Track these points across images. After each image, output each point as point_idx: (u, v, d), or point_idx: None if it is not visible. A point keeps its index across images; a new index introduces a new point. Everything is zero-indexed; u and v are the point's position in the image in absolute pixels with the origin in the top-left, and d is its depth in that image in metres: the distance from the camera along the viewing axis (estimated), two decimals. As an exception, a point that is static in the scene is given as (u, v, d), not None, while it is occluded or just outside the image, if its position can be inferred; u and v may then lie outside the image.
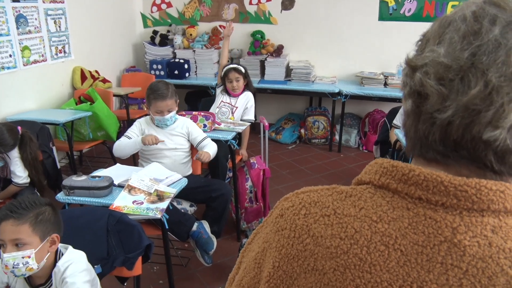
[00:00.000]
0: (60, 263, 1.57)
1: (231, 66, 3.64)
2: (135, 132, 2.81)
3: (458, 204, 0.52)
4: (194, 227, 2.57)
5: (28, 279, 1.61)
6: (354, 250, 0.55)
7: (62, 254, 1.61)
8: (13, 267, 1.45)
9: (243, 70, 3.62)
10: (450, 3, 4.72)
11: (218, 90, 3.74)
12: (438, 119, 0.53)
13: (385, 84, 4.81)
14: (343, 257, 0.56)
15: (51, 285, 1.60)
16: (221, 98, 3.66)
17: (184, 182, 2.40)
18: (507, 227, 0.52)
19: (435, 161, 0.57)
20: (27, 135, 2.82)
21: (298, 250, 0.60)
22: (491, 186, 0.52)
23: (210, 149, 2.78)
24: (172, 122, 2.80)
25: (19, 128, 2.80)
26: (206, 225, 2.65)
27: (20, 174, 2.80)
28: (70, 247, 1.66)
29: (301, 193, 0.65)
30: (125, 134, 2.81)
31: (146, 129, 2.83)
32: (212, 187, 2.76)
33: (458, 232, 0.52)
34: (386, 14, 4.93)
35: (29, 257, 1.46)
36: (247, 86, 3.70)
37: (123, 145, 2.71)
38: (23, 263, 1.46)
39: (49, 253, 1.56)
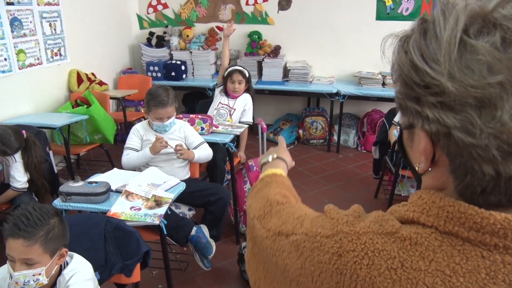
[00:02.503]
0: (65, 272, 1.56)
1: (237, 67, 3.62)
2: (136, 142, 2.78)
3: None
4: (193, 232, 2.54)
5: None
6: None
7: (67, 263, 1.61)
8: (23, 284, 1.44)
9: (247, 74, 3.60)
10: (448, 2, 4.70)
11: (217, 91, 3.72)
12: None
13: (383, 84, 4.80)
14: None
15: None
16: (219, 99, 3.63)
17: (182, 186, 2.38)
18: None
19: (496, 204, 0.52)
20: (31, 139, 2.82)
21: None
22: None
23: (200, 152, 2.77)
24: (171, 127, 2.78)
25: (23, 132, 2.78)
26: (204, 229, 2.63)
27: (19, 178, 2.78)
28: (75, 255, 1.65)
29: (363, 235, 0.58)
30: (127, 146, 2.77)
31: (144, 134, 2.80)
32: (210, 191, 2.74)
33: None
34: (383, 14, 4.91)
35: (39, 274, 1.46)
36: (247, 90, 3.68)
37: (132, 160, 2.68)
38: (33, 280, 1.45)
39: (57, 266, 1.55)
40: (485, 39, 0.47)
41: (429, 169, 0.58)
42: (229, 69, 3.61)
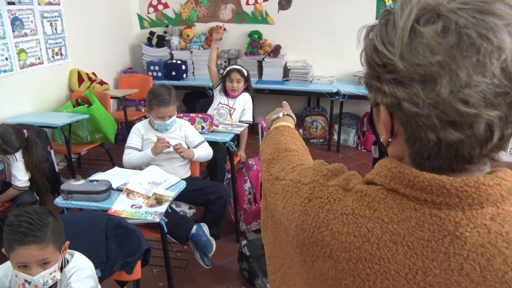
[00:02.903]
0: (66, 269, 1.59)
1: (235, 66, 3.63)
2: (137, 141, 2.80)
3: (460, 202, 0.59)
4: (193, 230, 2.56)
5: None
6: (365, 246, 0.63)
7: (68, 261, 1.63)
8: (43, 285, 1.49)
9: (245, 73, 3.61)
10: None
11: (216, 91, 3.73)
12: None
13: (383, 83, 4.80)
14: (355, 251, 0.63)
15: None
16: (219, 99, 3.65)
17: (183, 185, 2.39)
18: (504, 212, 0.59)
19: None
20: (32, 138, 2.83)
21: (317, 238, 0.68)
22: (488, 182, 0.59)
23: (199, 152, 2.78)
24: (172, 126, 2.79)
25: (25, 131, 2.80)
26: (205, 227, 2.65)
27: (21, 177, 2.79)
28: (76, 253, 1.68)
29: (331, 187, 0.71)
30: (128, 145, 2.78)
31: (145, 133, 2.81)
32: (211, 190, 2.75)
33: (460, 225, 0.59)
34: (383, 13, 4.92)
35: (55, 271, 1.52)
36: (247, 89, 3.69)
37: (134, 160, 2.70)
38: (51, 278, 1.52)
39: (61, 258, 1.59)
40: (431, 27, 0.56)
41: (390, 139, 0.68)
42: (228, 69, 3.63)
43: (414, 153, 0.63)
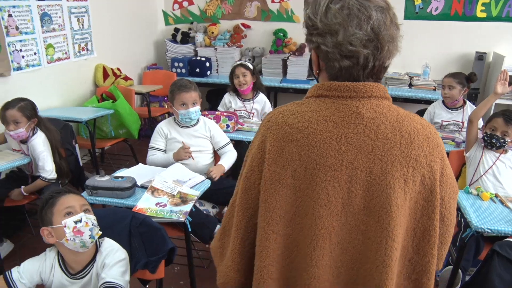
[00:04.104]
0: (102, 248, 1.69)
1: (237, 62, 3.59)
2: (160, 141, 2.79)
3: (356, 95, 1.01)
4: (217, 229, 2.54)
5: (66, 268, 1.67)
6: (310, 125, 1.02)
7: (100, 244, 1.71)
8: (92, 224, 1.61)
9: (250, 66, 3.53)
10: (480, 1, 4.59)
11: (226, 99, 3.64)
12: None
13: (410, 85, 4.71)
14: (305, 131, 1.02)
15: (89, 272, 1.66)
16: (233, 106, 3.57)
17: (207, 184, 2.37)
18: (383, 103, 1.03)
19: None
20: (43, 120, 2.95)
21: (281, 133, 1.04)
22: (371, 85, 1.02)
23: (227, 161, 2.76)
24: (196, 117, 2.74)
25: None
26: None
27: (48, 168, 2.85)
28: (106, 238, 1.75)
29: (276, 109, 1.10)
30: (151, 145, 2.79)
31: (169, 132, 2.79)
32: (234, 189, 2.71)
33: (359, 107, 1.01)
34: (412, 13, 4.82)
35: (95, 220, 1.64)
36: (256, 84, 3.60)
37: (157, 161, 2.72)
38: (96, 225, 1.64)
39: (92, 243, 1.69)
40: (336, 6, 0.98)
41: (318, 71, 1.11)
42: (231, 68, 3.58)
43: (330, 77, 1.06)
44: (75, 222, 1.57)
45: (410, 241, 1.07)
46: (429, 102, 4.07)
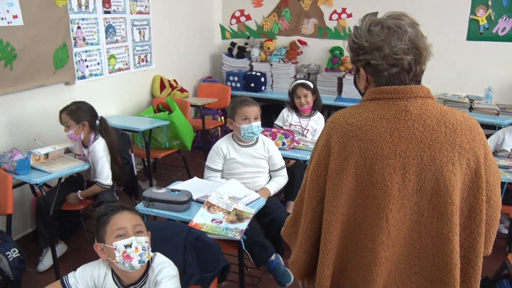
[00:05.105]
0: (154, 265, 1.66)
1: (299, 81, 3.54)
2: (218, 162, 2.72)
3: (404, 96, 1.19)
4: (273, 257, 2.48)
5: (119, 281, 1.66)
6: (367, 123, 1.20)
7: (152, 259, 1.68)
8: (142, 249, 1.57)
9: (311, 85, 3.49)
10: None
11: (285, 112, 3.65)
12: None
13: (471, 108, 4.51)
14: (363, 128, 1.20)
15: (143, 285, 1.65)
16: (289, 120, 3.57)
17: (262, 201, 2.34)
18: (427, 102, 1.21)
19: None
20: (103, 120, 3.02)
21: (343, 131, 1.23)
22: (416, 86, 1.21)
23: (275, 186, 2.73)
24: (259, 132, 2.68)
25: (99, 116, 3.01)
26: (280, 258, 2.56)
27: (105, 174, 2.91)
28: (158, 253, 1.72)
29: (337, 112, 1.30)
30: (208, 165, 2.73)
31: (228, 153, 2.71)
32: (266, 210, 2.52)
33: (407, 106, 1.19)
34: (475, 34, 4.62)
35: (147, 242, 1.60)
36: (315, 102, 3.57)
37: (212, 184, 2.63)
38: (147, 248, 1.60)
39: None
40: (376, 27, 1.21)
41: (366, 85, 1.29)
42: (292, 85, 3.55)
43: (379, 85, 1.24)
44: (125, 247, 1.55)
45: (458, 219, 1.19)
46: (491, 127, 3.88)
